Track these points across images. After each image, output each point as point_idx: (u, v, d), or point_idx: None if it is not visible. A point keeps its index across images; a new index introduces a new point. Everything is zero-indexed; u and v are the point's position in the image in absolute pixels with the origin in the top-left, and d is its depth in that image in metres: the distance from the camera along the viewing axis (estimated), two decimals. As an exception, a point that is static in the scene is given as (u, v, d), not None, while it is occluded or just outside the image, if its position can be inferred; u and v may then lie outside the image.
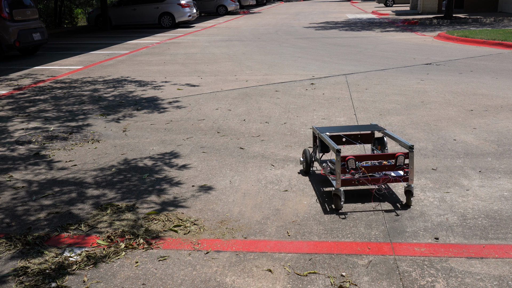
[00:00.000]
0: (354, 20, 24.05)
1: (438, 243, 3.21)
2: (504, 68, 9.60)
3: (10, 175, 4.65)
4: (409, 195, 3.71)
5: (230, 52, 13.27)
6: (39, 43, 13.22)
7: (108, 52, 14.17)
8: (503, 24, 18.35)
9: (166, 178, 4.46)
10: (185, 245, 3.27)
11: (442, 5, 26.61)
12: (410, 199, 3.72)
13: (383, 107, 6.80)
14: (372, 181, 3.71)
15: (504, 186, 4.10)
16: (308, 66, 10.45)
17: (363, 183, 3.70)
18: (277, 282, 2.84)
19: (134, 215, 3.73)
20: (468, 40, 13.88)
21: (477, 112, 6.45)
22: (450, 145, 5.17)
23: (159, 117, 6.64)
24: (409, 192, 3.71)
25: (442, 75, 9.02)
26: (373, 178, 3.71)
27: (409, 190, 3.70)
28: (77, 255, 3.16)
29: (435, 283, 2.79)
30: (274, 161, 4.84)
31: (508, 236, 3.29)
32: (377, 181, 3.72)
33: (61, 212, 3.82)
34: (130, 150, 5.31)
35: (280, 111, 6.73)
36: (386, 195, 3.96)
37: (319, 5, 43.98)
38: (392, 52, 12.38)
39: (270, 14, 32.64)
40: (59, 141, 5.68)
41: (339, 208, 3.72)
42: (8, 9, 12.12)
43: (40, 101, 7.82)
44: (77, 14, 28.14)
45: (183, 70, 10.43)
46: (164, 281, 2.87)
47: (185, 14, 22.32)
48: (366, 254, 3.11)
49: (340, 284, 2.80)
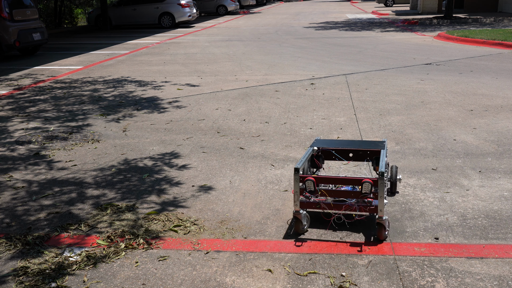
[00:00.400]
0: (354, 20, 24.05)
1: (438, 243, 3.21)
2: (504, 68, 9.60)
3: (10, 175, 4.65)
4: (380, 228, 3.22)
5: (230, 52, 13.27)
6: (39, 43, 13.22)
7: (108, 52, 14.17)
8: (503, 24, 18.35)
9: (166, 178, 4.46)
10: (185, 245, 3.27)
11: (442, 5, 26.61)
12: (382, 233, 3.22)
13: (383, 107, 6.80)
14: (334, 207, 3.30)
15: (504, 186, 4.10)
16: (308, 66, 10.45)
17: (324, 208, 3.31)
18: (277, 282, 2.84)
19: (134, 215, 3.73)
20: (468, 40, 13.88)
21: (477, 112, 6.45)
22: (450, 145, 5.17)
23: (159, 117, 6.64)
24: (381, 226, 3.21)
25: (442, 75, 9.02)
26: (335, 204, 3.29)
27: (380, 223, 3.21)
28: (77, 255, 3.16)
29: (435, 283, 2.79)
30: (274, 161, 4.84)
31: (508, 236, 3.29)
32: (339, 208, 3.30)
33: (61, 212, 3.82)
34: (130, 150, 5.31)
35: (280, 111, 6.73)
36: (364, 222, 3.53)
37: (319, 5, 43.98)
38: (392, 52, 12.38)
39: (270, 14, 32.64)
40: (59, 141, 5.68)
41: (300, 233, 3.36)
42: (8, 9, 12.12)
43: (40, 101, 7.82)
44: (77, 14, 28.14)
45: (183, 70, 10.43)
46: (164, 281, 2.87)
47: (185, 14, 22.32)
48: (366, 254, 3.11)
49: (340, 284, 2.80)
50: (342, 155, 3.86)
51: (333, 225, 3.46)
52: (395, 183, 3.88)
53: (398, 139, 5.41)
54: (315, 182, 3.28)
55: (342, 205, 3.28)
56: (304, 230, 3.37)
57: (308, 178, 3.28)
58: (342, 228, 3.44)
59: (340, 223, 3.50)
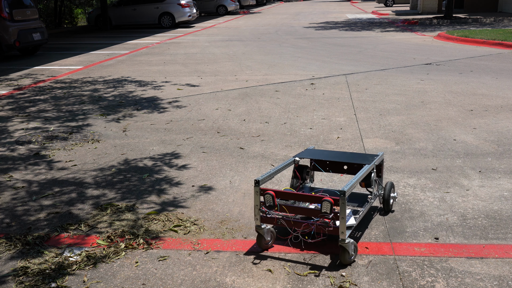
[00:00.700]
0: (354, 20, 24.04)
1: (438, 243, 3.21)
2: (504, 68, 9.60)
3: (10, 175, 4.65)
4: (343, 252, 2.94)
5: (230, 52, 13.27)
6: (39, 43, 13.22)
7: (108, 52, 14.17)
8: (503, 24, 18.35)
9: (166, 178, 4.46)
10: (185, 245, 3.27)
11: (442, 5, 26.61)
12: (345, 257, 2.95)
13: (383, 107, 6.80)
14: (294, 225, 3.07)
15: (504, 186, 4.10)
16: (308, 66, 10.45)
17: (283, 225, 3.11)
18: (277, 282, 2.84)
19: (134, 215, 3.73)
20: (468, 40, 13.88)
21: (477, 112, 6.45)
22: (450, 145, 5.17)
23: (159, 117, 6.64)
24: (343, 250, 2.94)
25: (442, 75, 9.02)
26: (295, 222, 3.06)
27: (342, 246, 2.92)
28: (77, 255, 3.16)
29: (435, 283, 2.79)
30: (274, 161, 4.84)
31: (508, 236, 3.29)
32: (298, 226, 3.06)
33: (61, 212, 3.82)
34: (130, 150, 5.31)
35: (280, 111, 6.73)
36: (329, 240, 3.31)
37: (319, 5, 43.98)
38: (392, 52, 12.38)
39: (270, 14, 32.64)
40: (59, 141, 5.68)
41: (262, 248, 3.18)
42: (8, 9, 12.12)
43: (40, 101, 7.82)
44: (77, 14, 28.14)
45: (183, 70, 10.43)
46: (164, 281, 2.87)
47: (185, 14, 22.32)
48: (366, 254, 3.11)
49: (340, 284, 2.80)
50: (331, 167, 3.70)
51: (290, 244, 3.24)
52: (388, 201, 3.57)
53: (398, 139, 5.41)
54: (274, 197, 3.06)
55: (302, 224, 3.04)
56: (267, 246, 3.18)
57: (267, 192, 3.07)
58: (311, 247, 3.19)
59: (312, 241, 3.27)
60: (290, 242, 3.25)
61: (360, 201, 3.55)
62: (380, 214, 3.61)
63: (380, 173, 3.69)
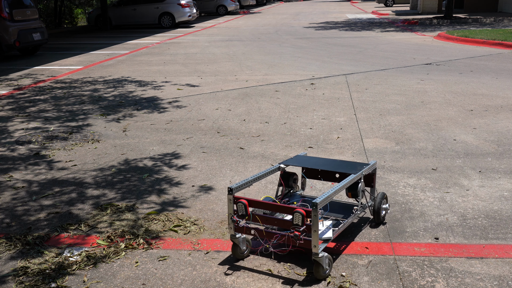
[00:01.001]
0: (354, 20, 24.05)
1: (438, 243, 3.21)
2: (504, 68, 9.60)
3: (10, 175, 4.65)
4: (317, 266, 2.80)
5: (230, 52, 13.27)
6: (39, 43, 13.22)
7: (108, 52, 14.17)
8: (503, 24, 18.35)
9: (166, 178, 4.46)
10: (185, 245, 3.27)
11: (442, 5, 26.61)
12: (319, 272, 2.80)
13: (383, 107, 6.80)
14: (266, 235, 2.96)
15: (504, 186, 4.10)
16: (308, 66, 10.45)
17: (255, 235, 3.00)
18: (277, 282, 2.84)
19: (134, 215, 3.73)
20: (468, 40, 13.88)
21: (477, 112, 6.45)
22: (450, 145, 5.17)
23: (159, 117, 6.64)
24: (317, 264, 2.79)
25: (442, 75, 9.02)
26: (267, 232, 2.95)
27: (315, 260, 2.78)
28: (77, 255, 3.16)
29: (435, 283, 2.79)
30: (274, 161, 4.84)
31: (508, 236, 3.29)
32: (271, 237, 2.94)
33: (61, 212, 3.82)
34: (130, 150, 5.31)
35: (280, 111, 6.73)
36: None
37: (319, 5, 43.98)
38: (392, 52, 12.38)
39: (270, 14, 32.64)
40: (59, 141, 5.68)
41: (237, 258, 3.08)
42: (8, 9, 12.12)
43: (40, 101, 7.82)
44: (77, 14, 28.14)
45: (183, 70, 10.43)
46: (164, 281, 2.87)
47: (185, 14, 22.32)
48: (366, 254, 3.11)
49: (340, 284, 2.80)
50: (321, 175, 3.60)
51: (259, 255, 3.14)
52: (378, 213, 3.41)
53: (398, 139, 5.41)
54: (247, 206, 2.96)
55: (273, 235, 2.92)
56: (243, 255, 3.08)
57: (240, 200, 2.98)
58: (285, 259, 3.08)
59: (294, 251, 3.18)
60: (260, 254, 3.14)
61: (347, 212, 3.40)
62: (370, 226, 3.45)
63: (372, 183, 3.53)
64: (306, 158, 3.64)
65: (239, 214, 2.99)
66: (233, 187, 2.99)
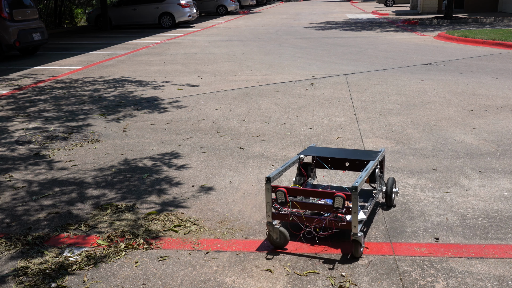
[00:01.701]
0: (354, 20, 24.05)
1: (438, 243, 3.21)
2: (504, 68, 9.60)
3: (10, 175, 4.66)
4: (357, 245, 3.02)
5: (230, 52, 13.27)
6: (39, 43, 13.22)
7: (108, 52, 14.17)
8: (503, 24, 18.35)
9: (166, 178, 4.46)
10: (185, 245, 3.27)
11: (442, 5, 26.61)
12: (358, 250, 3.03)
13: (383, 107, 6.80)
14: (306, 220, 3.14)
15: (504, 186, 4.11)
16: (308, 66, 10.45)
17: (295, 221, 3.18)
18: (277, 282, 2.84)
19: (134, 215, 3.73)
20: (468, 40, 13.88)
21: (477, 112, 6.45)
22: (450, 145, 5.17)
23: (159, 117, 6.64)
24: (356, 243, 3.02)
25: (442, 75, 9.02)
26: (307, 217, 3.13)
27: (355, 239, 3.01)
28: (77, 255, 3.16)
29: (435, 283, 2.79)
30: (274, 161, 4.84)
31: (508, 236, 3.29)
32: (310, 222, 3.14)
33: (61, 212, 3.82)
34: (130, 150, 5.31)
35: (280, 111, 6.73)
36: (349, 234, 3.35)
37: (319, 5, 43.98)
38: (392, 52, 12.39)
39: (270, 14, 32.64)
40: (59, 141, 5.68)
41: (275, 246, 3.20)
42: (8, 9, 12.13)
43: (40, 101, 7.82)
44: (77, 14, 28.14)
45: (183, 70, 10.43)
46: (164, 281, 2.87)
47: (185, 14, 22.32)
48: (366, 254, 3.11)
49: (340, 284, 2.80)
50: (334, 164, 3.73)
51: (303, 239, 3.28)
52: (390, 196, 3.65)
53: (398, 139, 5.41)
54: (286, 193, 3.12)
55: (314, 219, 3.11)
56: (278, 243, 3.20)
57: (279, 188, 3.14)
58: (322, 242, 3.25)
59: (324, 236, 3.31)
60: (303, 237, 3.30)
61: (365, 197, 3.58)
62: (382, 209, 3.69)
63: (382, 169, 3.76)
64: (319, 149, 3.87)
65: (279, 201, 3.15)
66: (271, 176, 3.14)
